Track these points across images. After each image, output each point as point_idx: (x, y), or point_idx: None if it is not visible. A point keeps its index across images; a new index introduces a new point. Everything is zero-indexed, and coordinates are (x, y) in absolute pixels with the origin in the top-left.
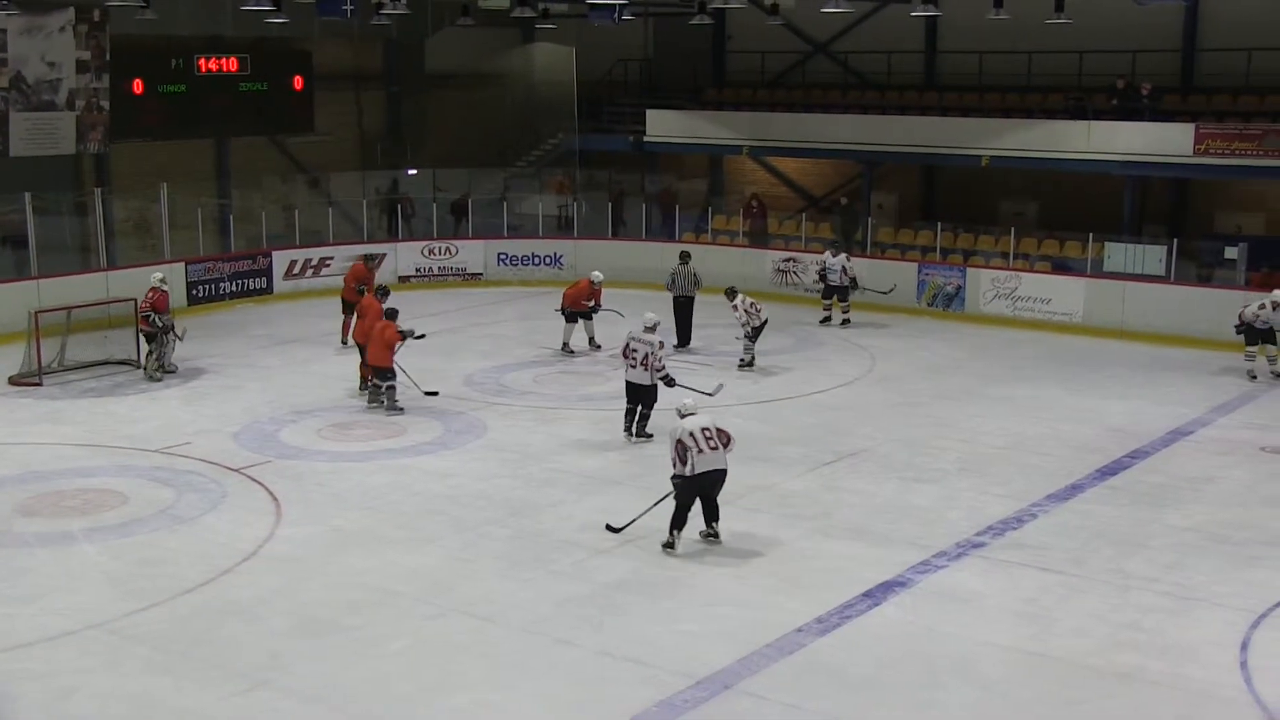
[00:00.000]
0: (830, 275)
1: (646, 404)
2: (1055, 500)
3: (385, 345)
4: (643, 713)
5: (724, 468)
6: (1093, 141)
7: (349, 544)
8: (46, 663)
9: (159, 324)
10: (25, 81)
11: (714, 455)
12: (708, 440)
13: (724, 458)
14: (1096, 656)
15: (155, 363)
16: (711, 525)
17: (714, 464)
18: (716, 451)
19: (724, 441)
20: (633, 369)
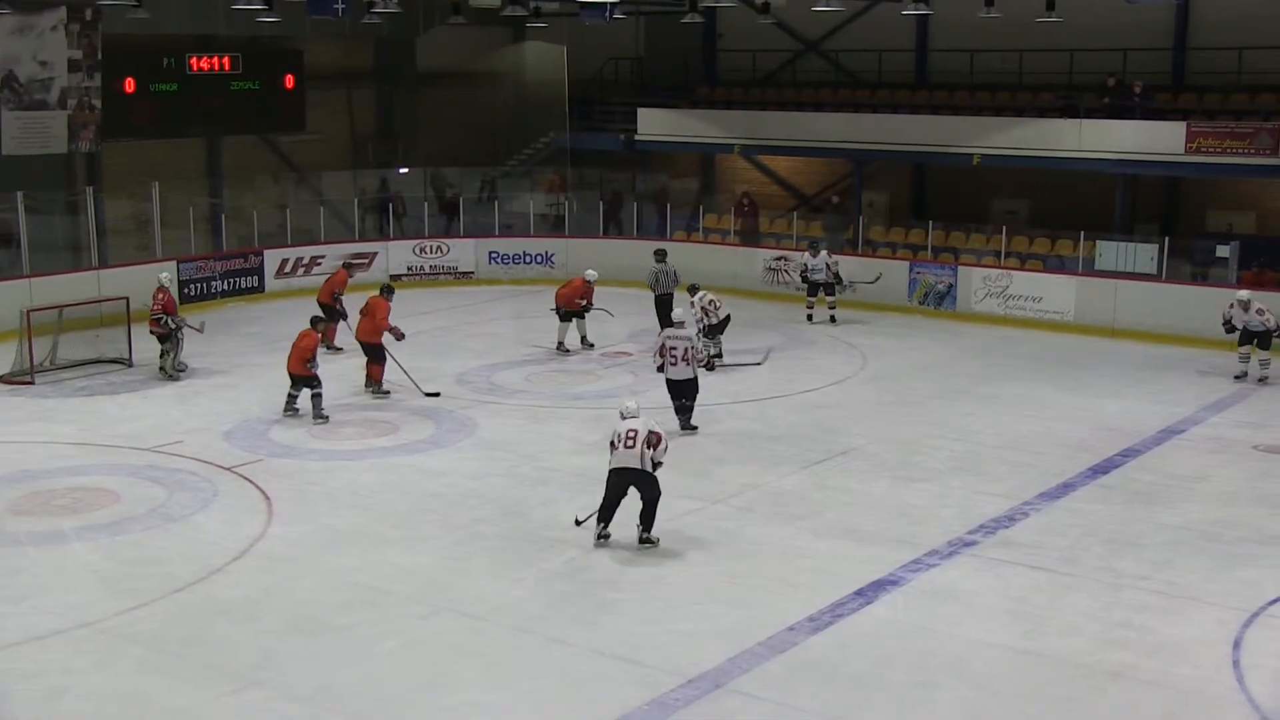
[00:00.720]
0: (814, 274)
1: (691, 397)
2: (1047, 499)
3: (302, 354)
4: (634, 711)
5: (634, 467)
6: (1084, 140)
7: (341, 543)
8: (37, 662)
9: (171, 325)
10: (17, 80)
11: (626, 454)
12: (626, 440)
13: (636, 458)
14: (1088, 655)
15: (173, 360)
16: (640, 530)
17: (622, 462)
18: (630, 451)
19: (650, 443)
20: (674, 366)
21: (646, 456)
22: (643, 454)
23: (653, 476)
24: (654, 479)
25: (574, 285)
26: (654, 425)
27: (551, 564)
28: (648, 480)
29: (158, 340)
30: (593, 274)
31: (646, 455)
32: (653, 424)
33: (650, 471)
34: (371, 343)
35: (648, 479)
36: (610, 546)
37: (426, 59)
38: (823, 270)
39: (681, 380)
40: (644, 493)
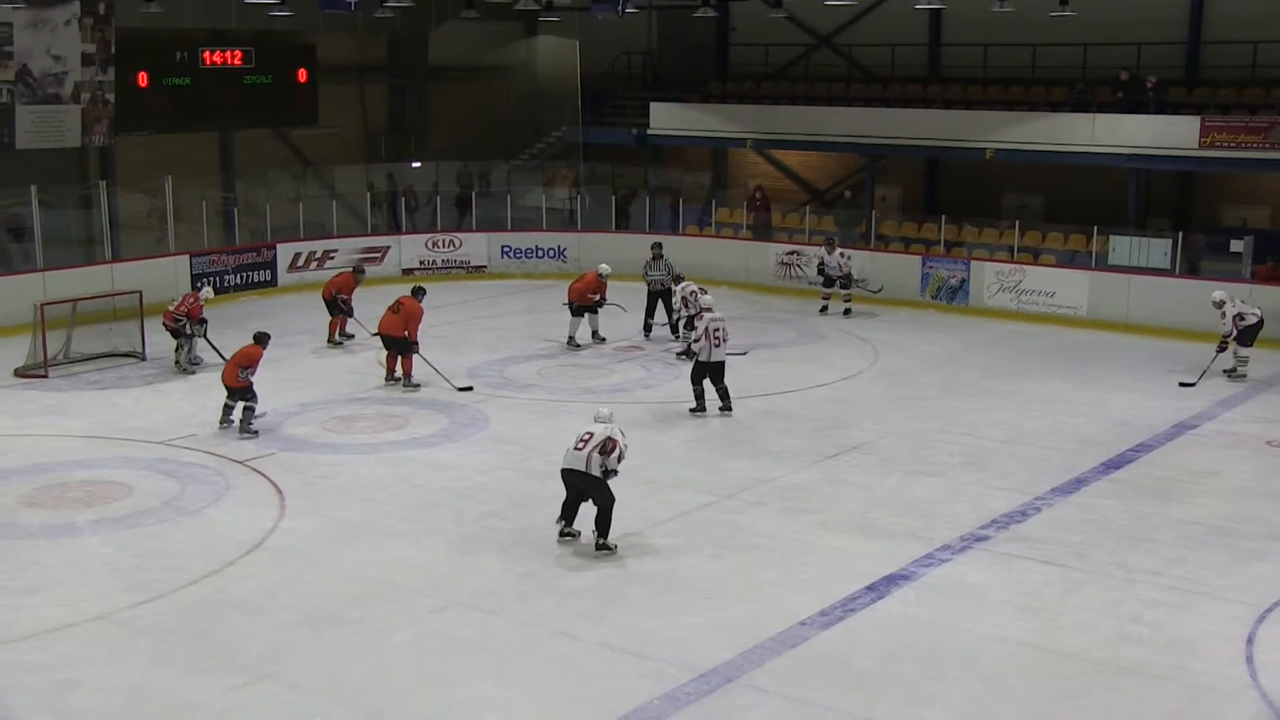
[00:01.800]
0: (829, 270)
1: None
2: (1059, 494)
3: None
4: (644, 705)
5: (578, 469)
6: (1097, 134)
7: (352, 536)
8: (50, 654)
9: (189, 330)
10: (31, 75)
11: (573, 455)
12: (578, 442)
13: (581, 460)
14: (1100, 650)
15: (187, 356)
16: (595, 536)
17: (568, 463)
18: (577, 453)
19: (604, 449)
20: (718, 348)
21: (593, 460)
22: (589, 457)
23: (599, 481)
24: (601, 484)
25: (586, 280)
26: (617, 434)
27: (561, 558)
28: (593, 484)
29: (170, 334)
30: (605, 269)
31: (593, 459)
32: (617, 432)
33: (596, 475)
34: (395, 336)
35: (593, 482)
36: (619, 542)
37: (439, 53)
38: (835, 266)
39: (720, 363)
40: (593, 497)
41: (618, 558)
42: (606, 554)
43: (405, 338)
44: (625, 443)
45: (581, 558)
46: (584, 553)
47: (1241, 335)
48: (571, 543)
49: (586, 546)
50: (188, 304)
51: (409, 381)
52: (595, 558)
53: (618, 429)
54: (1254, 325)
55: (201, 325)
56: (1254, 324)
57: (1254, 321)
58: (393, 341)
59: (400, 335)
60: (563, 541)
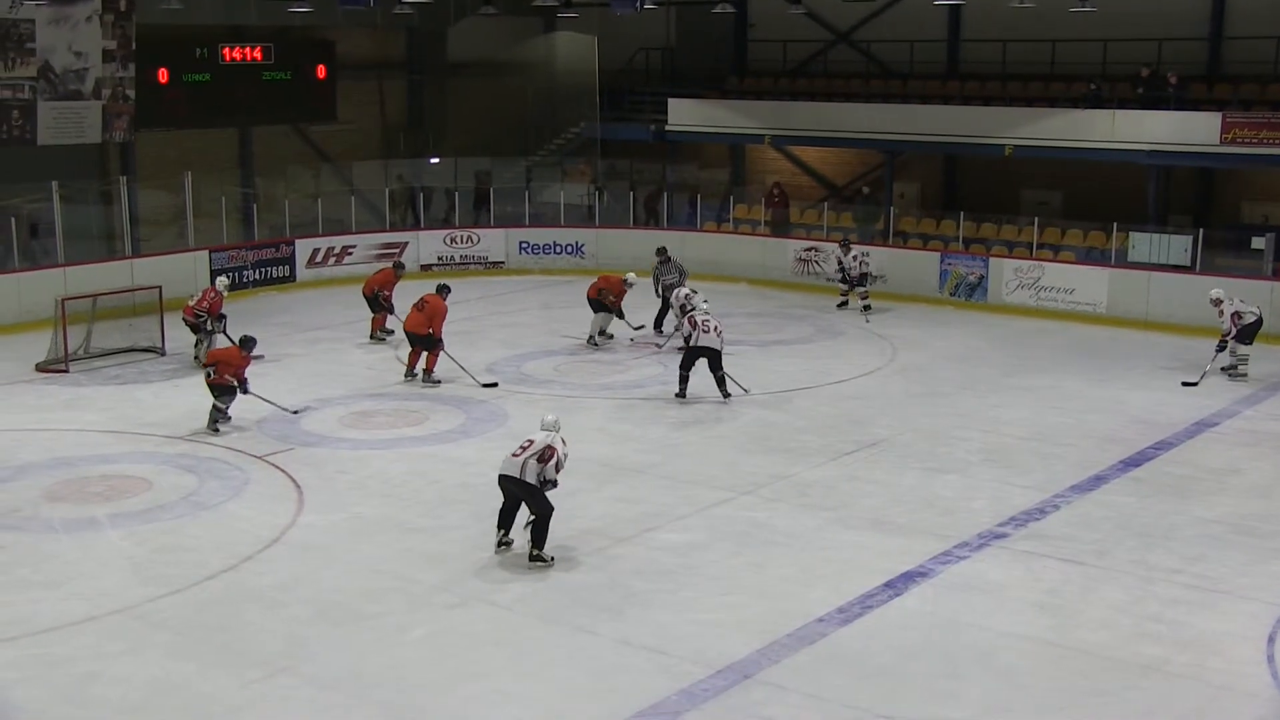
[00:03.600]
0: (846, 270)
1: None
2: (1078, 491)
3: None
4: (662, 701)
5: (513, 475)
6: (1117, 131)
7: (370, 532)
8: (71, 647)
9: (209, 326)
10: (53, 71)
11: (509, 461)
12: (517, 448)
13: (516, 467)
14: (1119, 648)
15: (206, 349)
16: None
17: (504, 468)
18: (514, 459)
19: (541, 457)
20: (706, 334)
21: (529, 468)
22: (524, 464)
23: (534, 489)
24: (536, 492)
25: (611, 282)
26: (558, 442)
27: (578, 554)
28: (527, 491)
29: (190, 329)
30: (632, 278)
31: (530, 467)
32: (558, 440)
33: (531, 483)
34: (420, 333)
35: (528, 490)
36: (633, 537)
37: (458, 49)
38: (854, 266)
39: (711, 348)
40: (529, 505)
41: (635, 554)
42: (541, 566)
43: (430, 334)
44: (565, 451)
45: (598, 554)
46: (601, 549)
47: (1241, 333)
48: (506, 553)
49: (609, 542)
50: (208, 299)
51: (429, 377)
52: (611, 554)
53: (559, 438)
54: (1253, 324)
55: (221, 320)
56: (1253, 322)
57: (1253, 320)
58: (417, 338)
59: (425, 332)
60: (499, 552)
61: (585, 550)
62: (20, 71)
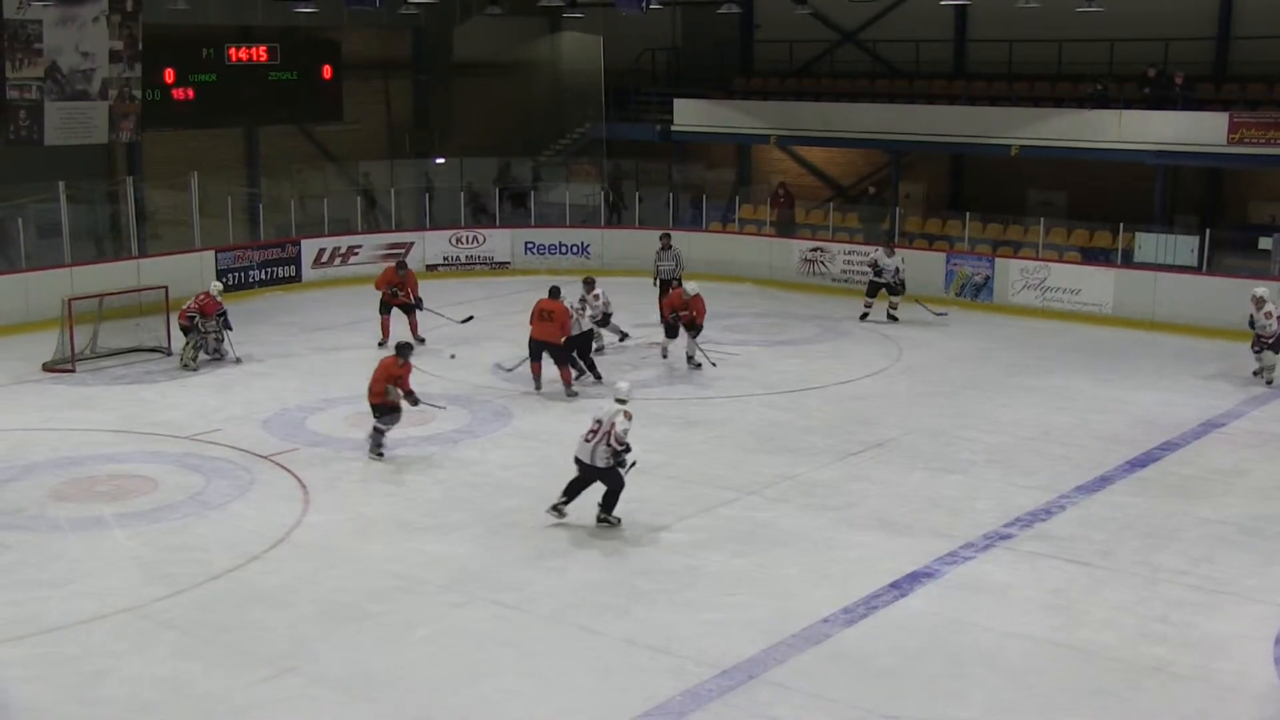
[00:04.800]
0: (885, 274)
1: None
2: (1084, 492)
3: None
4: (667, 701)
5: (583, 459)
6: (1124, 131)
7: (376, 531)
8: (78, 646)
9: (201, 327)
10: (60, 71)
11: (582, 446)
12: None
13: (588, 453)
14: (1124, 649)
15: (191, 351)
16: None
17: (578, 452)
18: (586, 445)
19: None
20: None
21: (599, 453)
22: (595, 450)
23: (605, 471)
24: (609, 473)
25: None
26: (619, 419)
27: (584, 553)
28: (600, 474)
29: (182, 331)
30: (693, 287)
31: (599, 452)
32: (620, 417)
33: (601, 467)
34: (553, 341)
35: (600, 473)
36: (640, 536)
37: (463, 49)
38: (892, 272)
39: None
40: (603, 483)
41: (640, 553)
42: (607, 527)
43: (564, 343)
44: (625, 426)
45: (604, 554)
46: (606, 549)
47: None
48: (555, 518)
49: (615, 541)
50: (199, 301)
51: (570, 390)
52: (617, 554)
53: (623, 413)
54: None
55: (216, 319)
56: None
57: None
58: (550, 347)
59: (559, 339)
60: (549, 513)
61: (591, 550)
62: (28, 72)
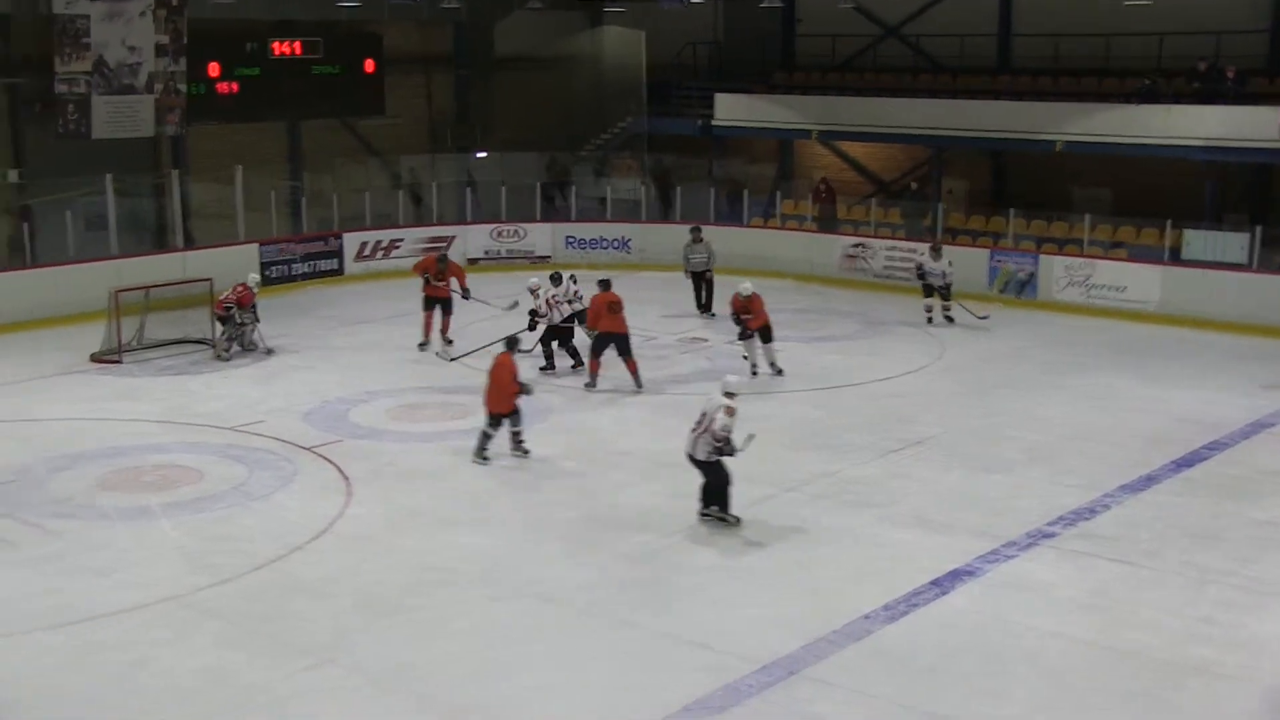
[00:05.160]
0: (930, 277)
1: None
2: (1128, 491)
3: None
4: (706, 697)
5: (689, 451)
6: (1172, 126)
7: (416, 524)
8: (122, 634)
9: (238, 319)
10: (107, 66)
11: (689, 438)
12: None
13: (690, 444)
14: (1168, 650)
15: (225, 343)
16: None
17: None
18: (691, 435)
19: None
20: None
21: (700, 444)
22: (696, 441)
23: (705, 464)
24: (710, 466)
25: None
26: (720, 413)
27: (623, 548)
28: (700, 467)
29: (220, 322)
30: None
31: (701, 443)
32: (721, 412)
33: (701, 459)
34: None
35: (700, 466)
36: (679, 530)
37: (504, 44)
38: (939, 275)
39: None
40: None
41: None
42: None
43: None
44: (724, 423)
45: (642, 548)
46: (645, 544)
47: None
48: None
49: (653, 536)
50: (237, 293)
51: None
52: (656, 549)
53: (724, 407)
54: None
55: (251, 311)
56: None
57: None
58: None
59: (626, 330)
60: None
61: (630, 545)
62: (76, 66)
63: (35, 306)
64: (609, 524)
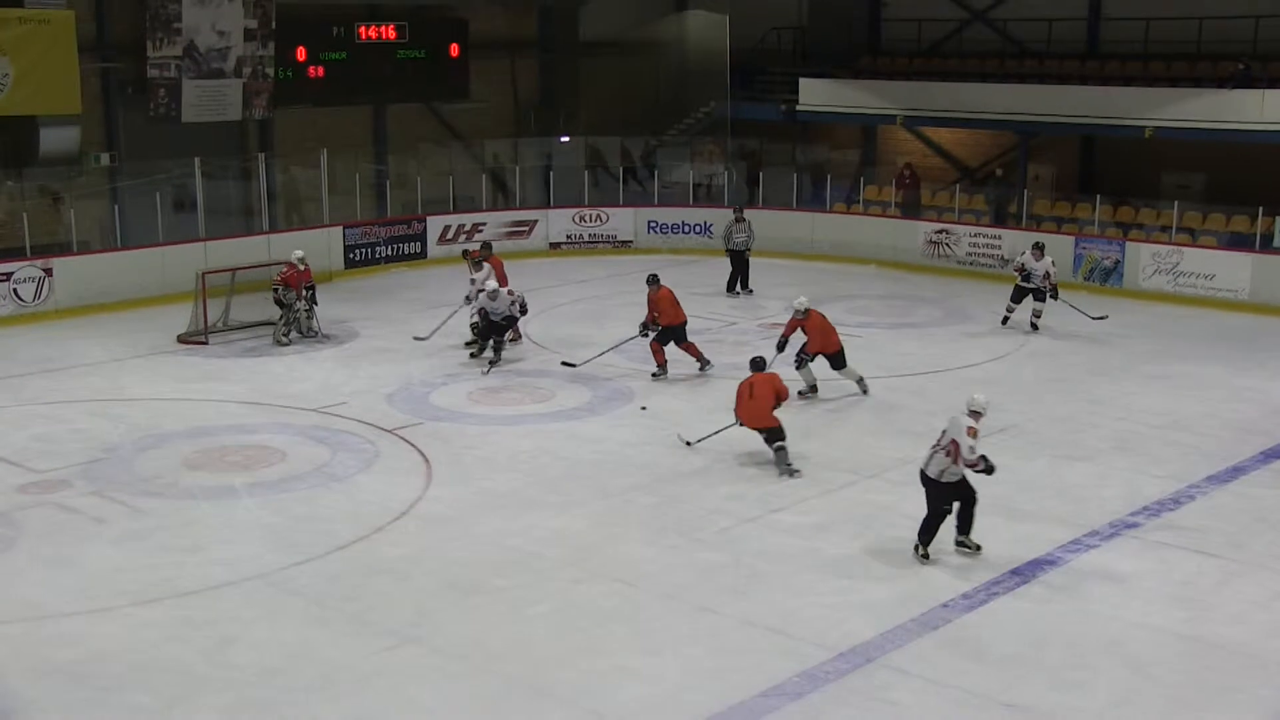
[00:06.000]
0: (1033, 278)
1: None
2: (1215, 482)
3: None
4: (784, 683)
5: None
6: (1267, 111)
7: (496, 506)
8: (210, 611)
9: (284, 300)
10: (197, 50)
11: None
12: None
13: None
14: (1255, 643)
15: (283, 328)
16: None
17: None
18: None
19: (945, 450)
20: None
21: (934, 461)
22: (931, 457)
23: (939, 484)
24: (938, 487)
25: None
26: (962, 434)
27: (703, 533)
28: (932, 486)
29: (277, 306)
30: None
31: (935, 460)
32: (963, 433)
33: (932, 478)
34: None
35: (928, 486)
36: (761, 519)
37: (589, 28)
38: (1041, 276)
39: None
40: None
41: (758, 535)
42: (966, 553)
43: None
44: (970, 444)
45: (723, 534)
46: (725, 530)
47: None
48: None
49: (733, 522)
50: (283, 275)
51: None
52: (736, 535)
53: (967, 424)
54: None
55: (305, 292)
56: None
57: None
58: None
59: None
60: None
61: (710, 530)
62: (167, 51)
63: (124, 288)
64: (688, 509)
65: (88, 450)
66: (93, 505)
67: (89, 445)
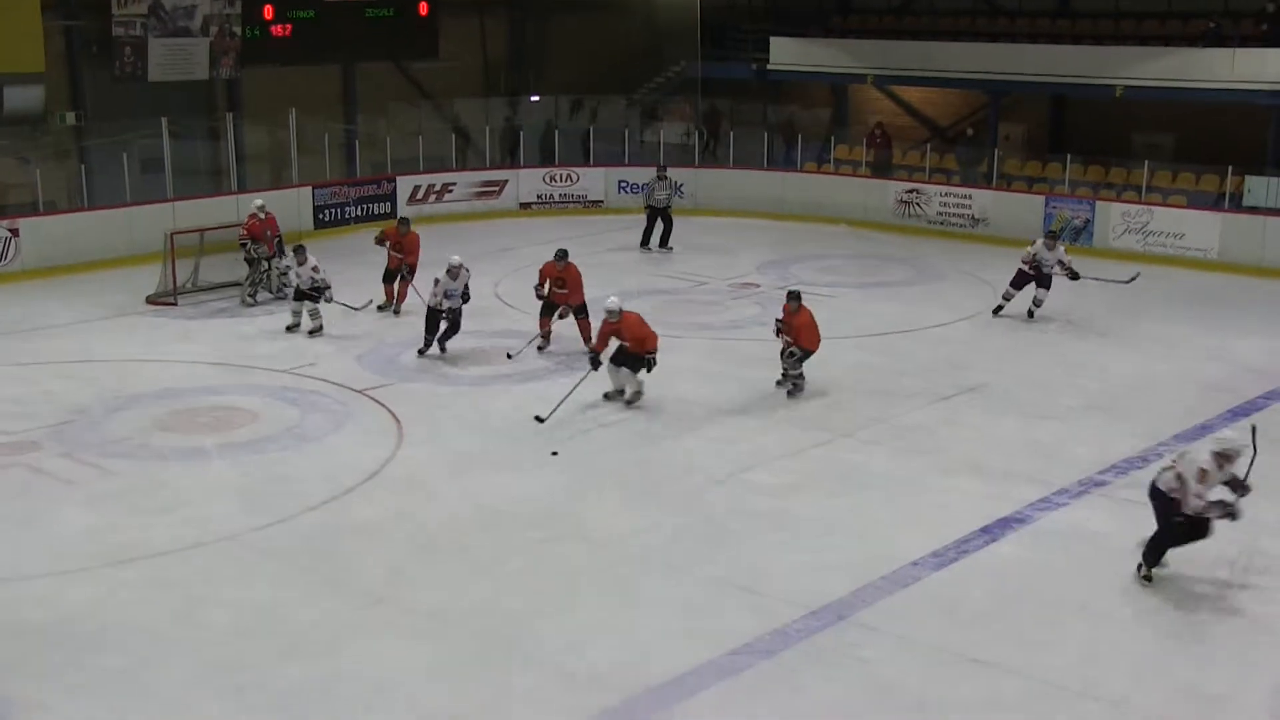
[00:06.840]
0: (1044, 267)
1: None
2: (1183, 440)
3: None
4: (755, 640)
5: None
6: (1237, 70)
7: (468, 467)
8: (181, 571)
9: (253, 253)
10: (163, 8)
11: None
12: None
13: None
14: (1222, 600)
15: (249, 289)
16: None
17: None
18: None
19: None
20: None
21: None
22: (1160, 472)
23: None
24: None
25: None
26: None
27: (673, 492)
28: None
29: (246, 264)
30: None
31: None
32: (1209, 461)
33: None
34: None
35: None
36: (733, 479)
37: None
38: (1053, 265)
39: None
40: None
41: (729, 495)
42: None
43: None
44: (1198, 489)
45: (694, 494)
46: (696, 490)
47: None
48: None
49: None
50: (246, 227)
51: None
52: (707, 495)
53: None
54: None
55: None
56: None
57: None
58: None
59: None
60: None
61: (680, 490)
62: (133, 9)
63: (92, 249)
64: (659, 468)
65: (57, 412)
66: (63, 467)
67: (58, 407)
